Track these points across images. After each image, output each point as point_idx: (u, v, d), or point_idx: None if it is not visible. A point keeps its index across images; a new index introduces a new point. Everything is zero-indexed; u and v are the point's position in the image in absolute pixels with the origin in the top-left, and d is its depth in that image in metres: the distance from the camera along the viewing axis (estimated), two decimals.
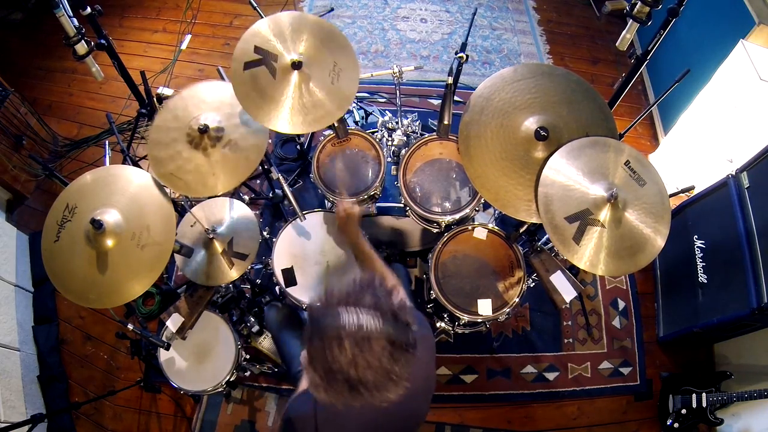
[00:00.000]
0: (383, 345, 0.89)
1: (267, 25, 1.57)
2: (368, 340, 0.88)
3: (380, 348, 0.89)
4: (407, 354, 0.93)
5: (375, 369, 0.88)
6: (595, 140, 1.49)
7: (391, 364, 0.90)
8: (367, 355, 0.88)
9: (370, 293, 0.94)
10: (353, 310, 0.91)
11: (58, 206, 1.52)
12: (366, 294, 0.94)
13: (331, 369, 0.89)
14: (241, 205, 1.92)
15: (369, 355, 0.88)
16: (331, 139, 2.05)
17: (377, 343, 0.89)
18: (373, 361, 0.88)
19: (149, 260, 1.47)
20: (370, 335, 0.88)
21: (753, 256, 1.91)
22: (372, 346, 0.88)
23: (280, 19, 1.59)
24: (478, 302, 1.81)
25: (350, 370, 0.88)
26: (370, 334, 0.89)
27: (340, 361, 0.88)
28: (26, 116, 2.79)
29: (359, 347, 0.88)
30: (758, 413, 2.06)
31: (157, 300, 2.45)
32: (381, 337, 0.89)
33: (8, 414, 2.08)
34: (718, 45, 2.35)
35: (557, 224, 1.41)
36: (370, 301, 0.93)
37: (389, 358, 0.89)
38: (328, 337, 0.89)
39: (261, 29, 1.57)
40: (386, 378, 0.90)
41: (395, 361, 0.90)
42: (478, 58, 3.41)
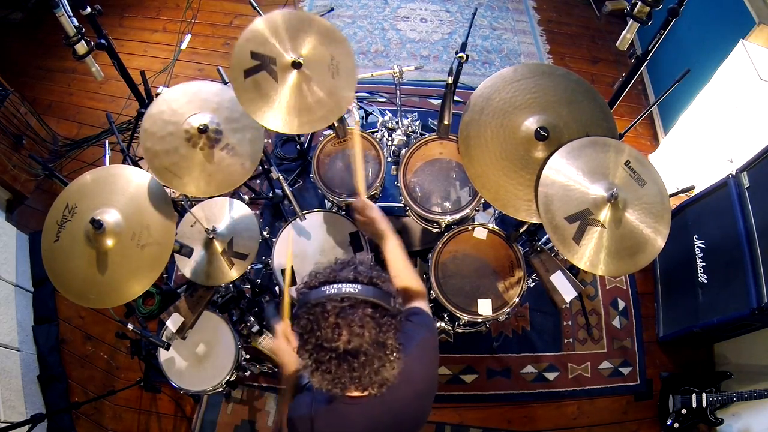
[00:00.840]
0: (366, 310, 0.91)
1: (260, 28, 1.56)
2: (351, 306, 0.91)
3: (363, 313, 0.91)
4: (392, 320, 0.95)
5: (360, 336, 0.90)
6: (594, 140, 1.49)
7: (376, 329, 0.91)
8: (351, 321, 0.89)
9: (350, 268, 0.98)
10: (334, 284, 0.94)
11: (58, 206, 1.52)
12: (345, 269, 0.98)
13: (319, 345, 0.91)
14: (241, 205, 1.92)
15: (352, 320, 0.90)
16: (331, 139, 2.05)
17: (360, 309, 0.91)
18: (356, 328, 0.90)
19: (149, 260, 1.47)
20: (352, 302, 0.91)
21: (753, 256, 1.91)
22: (354, 312, 0.90)
23: (272, 19, 1.57)
24: (478, 302, 1.81)
25: (338, 342, 0.90)
26: (352, 301, 0.91)
27: (326, 332, 0.90)
28: (26, 116, 2.79)
29: (342, 314, 0.90)
30: (758, 413, 2.06)
31: (157, 300, 2.45)
32: (363, 303, 0.92)
33: (8, 414, 2.08)
34: (718, 45, 2.35)
35: (557, 224, 1.40)
36: (348, 273, 0.96)
37: (373, 322, 0.91)
38: (312, 310, 0.92)
39: (254, 33, 1.55)
40: (374, 346, 0.91)
41: (380, 327, 0.92)
42: (478, 58, 3.41)
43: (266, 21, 1.56)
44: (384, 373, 0.94)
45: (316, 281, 0.97)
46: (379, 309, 0.93)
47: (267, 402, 2.30)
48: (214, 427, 2.25)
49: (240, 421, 2.26)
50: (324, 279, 0.96)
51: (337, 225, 1.99)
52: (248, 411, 2.28)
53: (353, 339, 0.90)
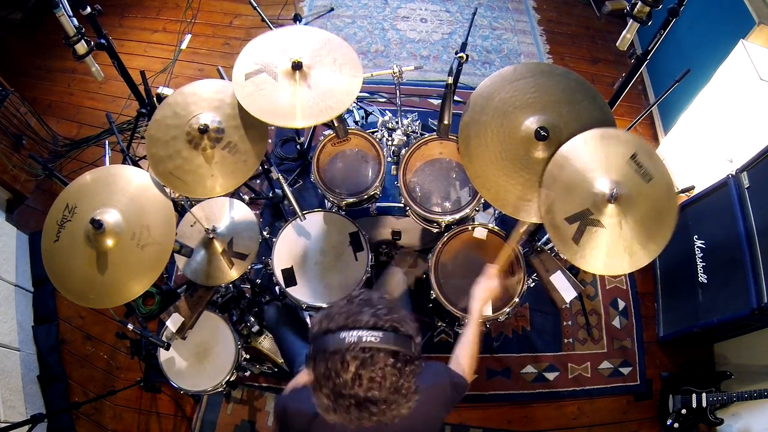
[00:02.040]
0: (386, 360, 0.88)
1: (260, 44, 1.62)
2: (371, 356, 0.88)
3: (384, 363, 0.88)
4: (412, 365, 0.92)
5: (381, 385, 0.88)
6: (604, 132, 1.46)
7: (396, 377, 0.89)
8: (372, 372, 0.87)
9: (369, 311, 0.93)
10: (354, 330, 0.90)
11: (58, 206, 1.52)
12: (364, 313, 0.93)
13: (339, 392, 0.88)
14: (241, 205, 1.91)
15: (373, 371, 0.87)
16: (331, 139, 2.05)
17: (381, 359, 0.88)
18: (377, 377, 0.87)
19: (149, 260, 1.46)
20: (372, 352, 0.88)
21: (753, 256, 1.91)
22: (375, 362, 0.87)
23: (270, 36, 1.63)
24: None
25: (357, 390, 0.87)
26: (372, 351, 0.88)
27: (345, 381, 0.87)
28: (26, 116, 2.79)
29: (363, 365, 0.87)
30: (758, 413, 2.06)
31: (157, 300, 2.45)
32: (383, 352, 0.88)
33: (8, 414, 2.08)
34: (718, 45, 2.35)
35: (557, 224, 1.40)
36: (368, 319, 0.92)
37: (394, 371, 0.89)
38: (331, 359, 0.88)
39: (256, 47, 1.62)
40: (394, 393, 0.90)
41: (401, 374, 0.90)
42: (478, 58, 3.41)
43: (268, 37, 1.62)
44: (401, 411, 0.93)
45: (334, 325, 0.91)
46: (400, 356, 0.90)
47: (267, 402, 2.30)
48: (214, 427, 2.25)
49: (240, 421, 2.26)
50: (342, 323, 0.91)
51: (337, 225, 1.99)
52: (248, 411, 2.28)
53: (374, 388, 0.88)
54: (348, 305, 0.95)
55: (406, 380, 0.91)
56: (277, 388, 2.31)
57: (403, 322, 0.94)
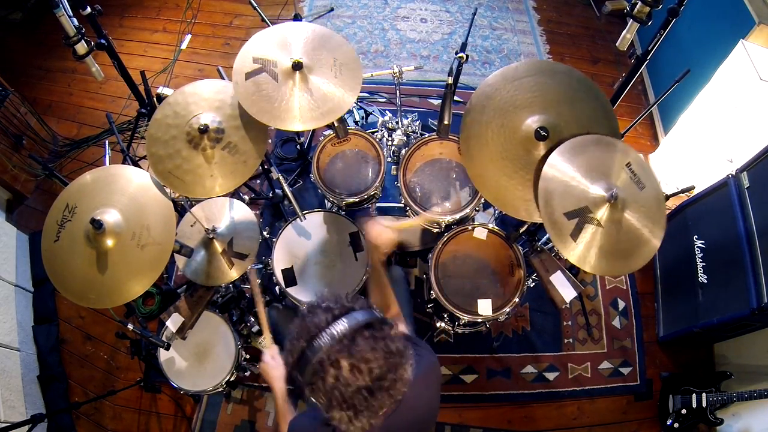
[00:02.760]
0: (364, 334, 0.91)
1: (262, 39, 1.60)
2: (350, 341, 0.90)
3: (364, 339, 0.90)
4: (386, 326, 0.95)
5: (376, 359, 0.90)
6: (600, 138, 1.48)
7: (383, 342, 0.92)
8: (360, 353, 0.89)
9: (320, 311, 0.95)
10: (320, 333, 0.91)
11: (58, 206, 1.52)
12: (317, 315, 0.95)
13: (348, 395, 0.89)
14: (241, 205, 1.92)
15: (362, 351, 0.89)
16: (331, 139, 2.05)
17: (360, 338, 0.90)
18: (369, 355, 0.89)
19: (149, 260, 1.46)
20: (347, 337, 0.90)
21: (753, 256, 1.91)
22: (357, 343, 0.90)
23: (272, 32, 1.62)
24: (478, 302, 1.81)
25: (360, 379, 0.88)
26: (347, 336, 0.90)
27: (347, 380, 0.88)
28: (26, 116, 2.79)
29: (349, 353, 0.89)
30: (758, 413, 2.06)
31: (157, 300, 2.45)
32: (357, 331, 0.91)
33: (8, 414, 2.08)
34: (718, 45, 2.34)
35: (556, 219, 1.40)
36: (324, 316, 0.94)
37: (377, 339, 0.91)
38: (321, 371, 0.89)
39: (256, 44, 1.60)
40: (390, 357, 0.91)
41: (384, 339, 0.92)
42: (478, 58, 3.41)
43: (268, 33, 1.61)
44: (405, 375, 0.94)
45: (303, 341, 0.92)
46: (372, 325, 0.93)
47: (267, 402, 2.29)
48: (214, 427, 2.25)
49: (240, 421, 2.26)
50: (307, 336, 0.92)
51: (337, 225, 1.99)
52: (248, 411, 2.28)
53: (373, 367, 0.89)
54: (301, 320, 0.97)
55: (391, 342, 0.93)
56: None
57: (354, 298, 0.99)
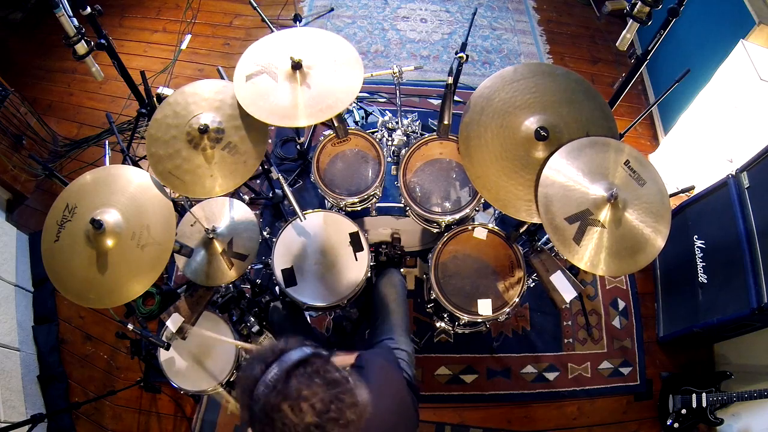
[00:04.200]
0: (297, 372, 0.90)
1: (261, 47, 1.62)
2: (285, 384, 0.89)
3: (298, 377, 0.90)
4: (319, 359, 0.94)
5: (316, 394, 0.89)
6: (594, 140, 1.49)
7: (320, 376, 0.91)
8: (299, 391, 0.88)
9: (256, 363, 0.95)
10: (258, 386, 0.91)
11: (58, 206, 1.52)
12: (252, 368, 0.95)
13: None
14: (241, 205, 1.91)
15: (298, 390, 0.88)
16: (331, 139, 2.05)
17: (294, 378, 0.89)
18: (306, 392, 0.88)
19: (149, 260, 1.46)
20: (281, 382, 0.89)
21: (753, 256, 1.91)
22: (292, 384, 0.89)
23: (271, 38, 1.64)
24: (478, 302, 1.81)
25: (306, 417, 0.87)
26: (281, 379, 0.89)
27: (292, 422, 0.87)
28: (26, 116, 2.79)
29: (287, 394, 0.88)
30: (758, 413, 2.06)
31: (157, 300, 2.45)
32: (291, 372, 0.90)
33: (8, 414, 2.08)
34: (718, 45, 2.35)
35: (557, 225, 1.41)
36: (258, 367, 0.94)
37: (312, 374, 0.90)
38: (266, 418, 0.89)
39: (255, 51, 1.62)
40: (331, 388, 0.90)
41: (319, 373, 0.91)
42: (478, 58, 3.41)
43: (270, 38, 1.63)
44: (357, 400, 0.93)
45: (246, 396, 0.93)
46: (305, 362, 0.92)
47: None
48: (214, 427, 2.25)
49: (240, 421, 2.26)
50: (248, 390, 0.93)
51: (337, 225, 1.99)
52: None
53: (315, 402, 0.88)
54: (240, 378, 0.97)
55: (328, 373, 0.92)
56: None
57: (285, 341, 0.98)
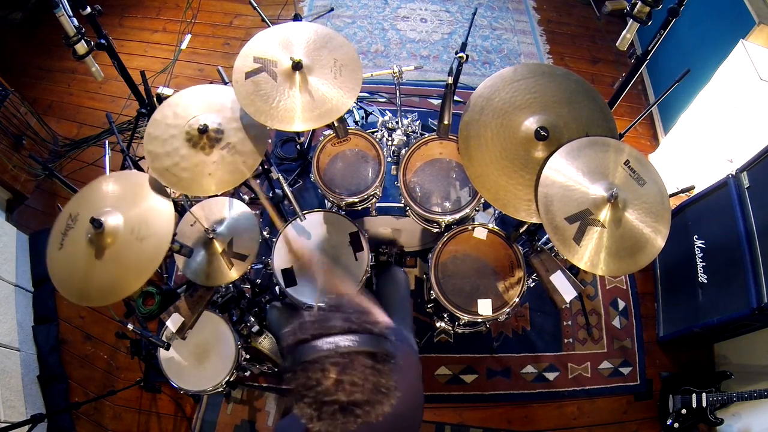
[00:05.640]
0: (365, 361, 0.89)
1: (261, 39, 1.61)
2: (350, 361, 0.88)
3: (362, 365, 0.89)
4: (390, 364, 0.93)
5: (363, 387, 0.88)
6: (594, 140, 1.49)
7: (376, 377, 0.90)
8: (352, 376, 0.88)
9: (339, 316, 0.94)
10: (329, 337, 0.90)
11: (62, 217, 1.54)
12: (335, 318, 0.94)
13: (321, 400, 0.88)
14: (241, 205, 1.91)
15: (354, 375, 0.88)
16: (331, 139, 2.05)
17: (359, 362, 0.89)
18: (358, 380, 0.88)
19: (148, 253, 1.47)
20: (351, 356, 0.88)
21: (753, 256, 1.91)
22: (355, 366, 0.88)
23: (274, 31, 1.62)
24: (478, 302, 1.81)
25: (339, 395, 0.87)
26: (351, 355, 0.88)
27: (327, 388, 0.87)
28: (26, 116, 2.79)
29: (343, 370, 0.87)
30: (758, 413, 2.06)
31: (157, 300, 2.45)
32: (362, 355, 0.89)
33: (8, 414, 2.08)
34: (718, 45, 2.35)
35: (557, 225, 1.40)
36: (341, 324, 0.92)
37: (373, 372, 0.89)
38: (310, 369, 0.88)
39: (257, 43, 1.60)
40: (376, 393, 0.90)
41: (380, 374, 0.90)
42: (478, 58, 3.41)
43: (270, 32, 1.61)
44: (384, 409, 0.92)
45: (308, 334, 0.91)
46: (378, 356, 0.91)
47: (267, 402, 2.30)
48: (214, 427, 2.25)
49: (240, 421, 2.26)
50: (316, 332, 0.91)
51: (337, 225, 1.99)
52: (248, 411, 2.28)
53: (356, 391, 0.88)
54: (318, 314, 0.95)
55: (385, 379, 0.91)
56: (277, 388, 2.31)
57: (375, 322, 0.96)
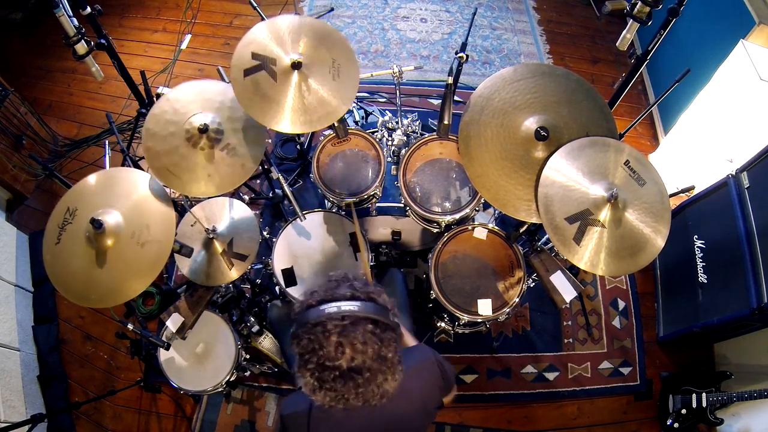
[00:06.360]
0: (366, 326, 0.91)
1: (261, 32, 1.58)
2: (351, 323, 0.90)
3: (364, 329, 0.91)
4: (392, 333, 0.95)
5: (364, 352, 0.90)
6: (594, 140, 1.49)
7: (377, 344, 0.91)
8: (353, 339, 0.90)
9: (346, 285, 0.98)
10: (333, 302, 0.93)
11: (59, 210, 1.52)
12: (341, 286, 0.98)
13: (322, 364, 0.90)
14: (241, 205, 1.91)
15: (355, 338, 0.90)
16: (331, 139, 2.05)
17: (361, 326, 0.91)
18: (359, 344, 0.90)
19: (149, 257, 1.46)
20: (352, 319, 0.91)
21: (753, 256, 1.91)
22: (356, 329, 0.90)
23: (273, 24, 1.60)
24: (478, 302, 1.81)
25: (340, 360, 0.89)
26: (352, 318, 0.91)
27: (329, 352, 0.89)
28: (26, 116, 2.79)
29: (344, 332, 0.90)
30: (758, 413, 2.06)
31: (157, 300, 2.45)
32: (363, 320, 0.92)
33: (8, 414, 2.08)
34: (718, 45, 2.35)
35: (558, 225, 1.40)
36: (346, 291, 0.96)
37: (374, 338, 0.91)
38: (313, 331, 0.91)
39: (255, 37, 1.58)
40: (377, 360, 0.92)
41: (381, 341, 0.92)
42: (478, 58, 3.41)
43: (268, 24, 1.58)
44: (385, 385, 0.94)
45: (314, 300, 0.95)
46: (379, 324, 0.93)
47: (267, 402, 2.30)
48: (214, 427, 2.25)
49: (240, 421, 2.26)
50: (321, 297, 0.95)
51: (337, 225, 1.99)
52: (248, 411, 2.28)
53: (356, 356, 0.90)
54: (326, 283, 1.00)
55: (387, 348, 0.93)
56: (277, 388, 2.31)
57: (380, 293, 0.99)
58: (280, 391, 2.30)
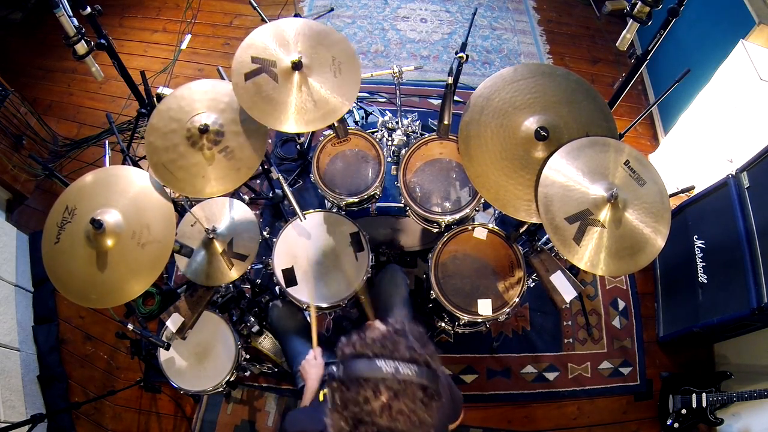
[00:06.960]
0: (417, 393, 0.90)
1: (259, 36, 1.59)
2: (405, 389, 0.89)
3: (413, 396, 0.90)
4: (436, 401, 0.94)
5: (406, 416, 0.89)
6: (594, 140, 1.49)
7: (423, 411, 0.91)
8: (401, 404, 0.88)
9: (405, 343, 0.95)
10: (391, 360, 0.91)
11: (58, 208, 1.52)
12: (401, 343, 0.94)
13: (360, 419, 0.89)
14: (241, 205, 1.91)
15: (403, 403, 0.88)
16: (331, 139, 2.05)
17: (413, 392, 0.90)
18: (405, 409, 0.89)
19: (150, 258, 1.46)
20: (406, 384, 0.89)
21: (753, 256, 1.91)
22: (407, 395, 0.89)
23: (271, 27, 1.61)
24: (478, 302, 1.81)
25: (381, 419, 0.88)
26: (407, 384, 0.89)
27: (373, 409, 0.88)
28: (26, 116, 2.79)
29: (396, 396, 0.88)
30: (758, 413, 2.06)
31: (157, 300, 2.45)
32: (417, 386, 0.90)
33: (8, 414, 2.08)
34: (718, 45, 2.35)
35: (558, 225, 1.40)
36: (405, 351, 0.93)
37: (422, 406, 0.90)
38: (364, 385, 0.89)
39: (254, 41, 1.59)
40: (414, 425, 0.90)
41: (426, 409, 0.91)
42: (478, 58, 3.41)
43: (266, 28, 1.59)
44: None
45: (370, 351, 0.92)
46: (429, 391, 0.92)
47: (267, 402, 2.30)
48: (214, 427, 2.25)
49: (240, 421, 2.26)
50: (379, 351, 0.92)
51: (337, 225, 1.99)
52: (248, 411, 2.28)
53: (399, 420, 0.88)
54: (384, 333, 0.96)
55: (430, 415, 0.92)
56: (277, 388, 2.31)
57: (434, 356, 0.96)
58: (280, 391, 2.30)
